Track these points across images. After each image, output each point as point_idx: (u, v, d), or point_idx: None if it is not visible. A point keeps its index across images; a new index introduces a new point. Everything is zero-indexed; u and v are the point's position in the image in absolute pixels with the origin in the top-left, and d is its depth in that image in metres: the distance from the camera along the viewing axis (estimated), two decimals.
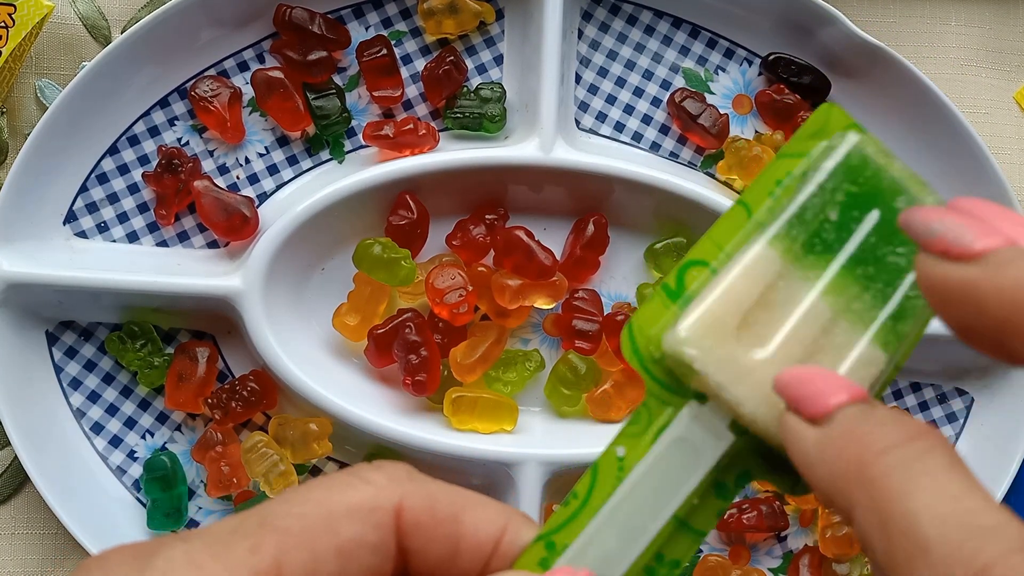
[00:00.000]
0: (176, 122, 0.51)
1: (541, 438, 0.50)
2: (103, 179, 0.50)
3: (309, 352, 0.50)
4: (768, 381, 0.24)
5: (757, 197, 0.27)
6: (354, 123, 0.51)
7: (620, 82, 0.53)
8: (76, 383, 0.50)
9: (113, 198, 0.50)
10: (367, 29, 0.51)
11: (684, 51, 0.53)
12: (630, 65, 0.53)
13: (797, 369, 0.24)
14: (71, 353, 0.50)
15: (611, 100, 0.53)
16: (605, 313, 0.51)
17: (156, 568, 0.22)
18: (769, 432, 0.25)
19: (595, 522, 0.25)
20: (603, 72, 0.53)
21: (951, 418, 0.54)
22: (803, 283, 0.26)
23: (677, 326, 0.25)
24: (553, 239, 0.51)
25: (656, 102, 0.53)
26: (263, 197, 0.51)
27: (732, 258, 0.26)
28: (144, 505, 0.50)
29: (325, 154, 0.51)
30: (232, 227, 0.49)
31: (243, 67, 0.51)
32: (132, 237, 0.51)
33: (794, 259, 0.26)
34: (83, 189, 0.50)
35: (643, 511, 0.25)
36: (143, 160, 0.50)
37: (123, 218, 0.51)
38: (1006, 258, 0.22)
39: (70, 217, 0.50)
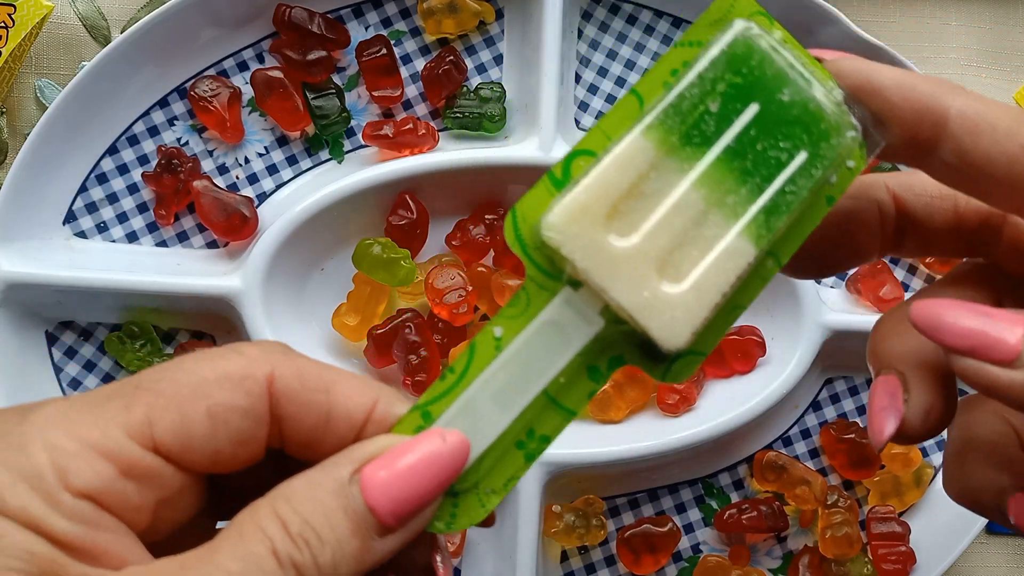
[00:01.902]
0: (175, 122, 0.51)
1: None
2: (103, 179, 0.50)
3: (308, 352, 0.49)
4: (633, 268, 0.25)
5: (651, 88, 0.26)
6: (353, 123, 0.51)
7: (620, 82, 0.53)
8: (76, 383, 0.50)
9: (113, 198, 0.50)
10: (367, 29, 0.51)
11: None
12: (630, 65, 0.53)
13: (943, 314, 0.24)
14: (71, 353, 0.50)
15: (611, 100, 0.53)
16: None
17: (33, 421, 0.24)
18: (634, 317, 0.25)
19: (468, 392, 0.26)
20: (603, 72, 0.53)
21: None
22: (677, 174, 0.25)
23: (549, 211, 0.25)
24: None
25: None
26: (262, 197, 0.51)
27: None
28: None
29: (324, 154, 0.51)
30: (231, 227, 0.49)
31: (243, 67, 0.51)
32: (132, 237, 0.51)
33: (669, 150, 0.25)
34: (83, 189, 0.50)
35: (514, 385, 0.26)
36: (143, 160, 0.50)
37: (123, 218, 0.50)
38: None
39: (70, 217, 0.50)
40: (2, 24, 0.48)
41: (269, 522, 0.23)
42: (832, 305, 0.52)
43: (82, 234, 0.50)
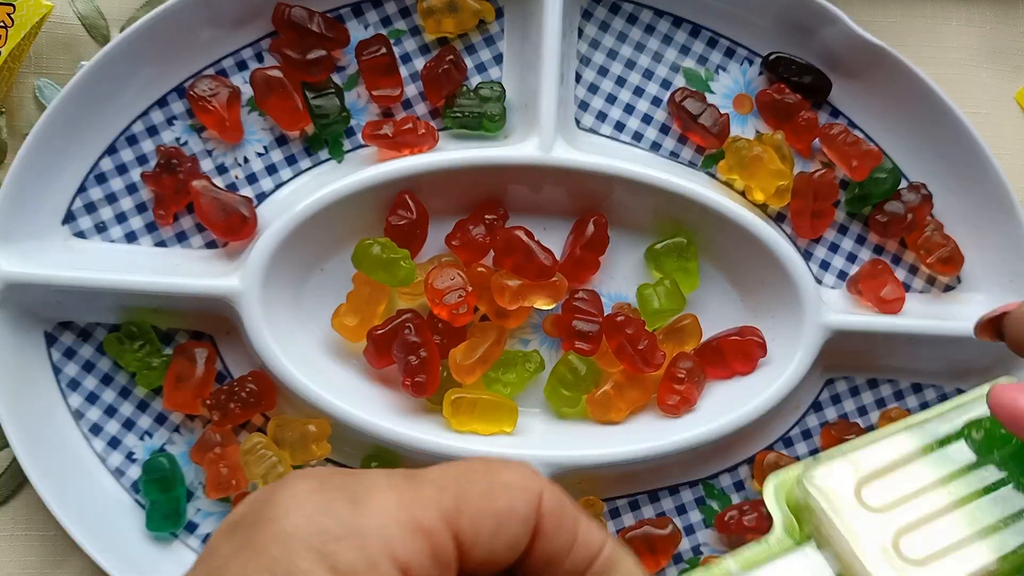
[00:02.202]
0: (175, 122, 0.50)
1: (541, 439, 0.50)
2: (102, 179, 0.50)
3: (308, 353, 0.50)
4: (877, 537, 0.27)
5: (914, 417, 0.31)
6: (353, 122, 0.51)
7: (620, 81, 0.52)
8: (75, 384, 0.50)
9: (112, 198, 0.50)
10: (366, 28, 0.51)
11: (684, 50, 0.53)
12: (630, 64, 0.53)
13: None
14: (70, 354, 0.50)
15: (611, 99, 0.52)
16: (605, 314, 0.51)
17: (369, 486, 0.25)
18: None
19: None
20: (603, 71, 0.52)
21: None
22: (932, 471, 0.29)
23: (813, 471, 0.28)
24: (553, 239, 0.51)
25: (656, 101, 0.53)
26: (262, 197, 0.51)
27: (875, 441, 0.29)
28: (143, 507, 0.50)
29: (324, 154, 0.51)
30: (231, 227, 0.49)
31: (242, 66, 0.51)
32: (131, 237, 0.50)
33: (929, 451, 0.29)
34: (82, 189, 0.50)
35: None
36: (142, 160, 0.50)
37: (122, 218, 0.50)
38: None
39: (69, 217, 0.50)
40: (1, 24, 0.48)
41: None
42: (833, 306, 0.52)
43: (81, 234, 0.50)
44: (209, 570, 0.24)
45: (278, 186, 0.51)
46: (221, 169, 0.51)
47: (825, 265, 0.53)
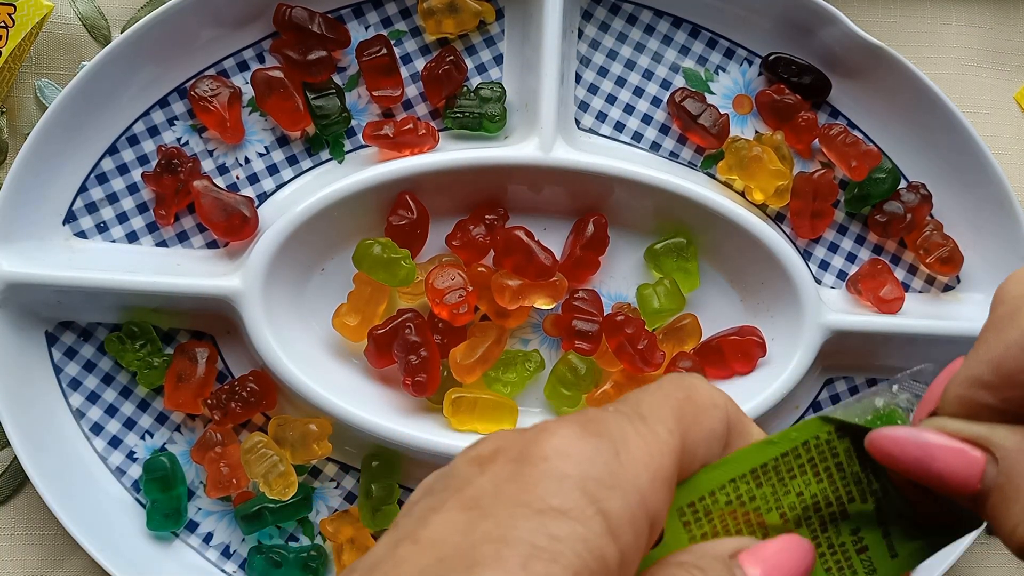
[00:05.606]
0: (176, 122, 0.51)
1: None
2: (102, 179, 0.50)
3: (309, 352, 0.50)
4: None
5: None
6: (354, 123, 0.51)
7: (620, 82, 0.53)
8: (76, 383, 0.50)
9: (113, 198, 0.50)
10: (367, 28, 0.51)
11: (684, 51, 0.53)
12: (630, 65, 0.53)
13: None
14: (71, 353, 0.50)
15: (611, 100, 0.53)
16: (605, 313, 0.51)
17: (615, 428, 0.25)
18: None
19: None
20: (603, 72, 0.53)
21: None
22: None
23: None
24: (553, 239, 0.51)
25: (656, 102, 0.53)
26: (263, 197, 0.51)
27: None
28: (143, 506, 0.50)
29: (325, 154, 0.51)
30: (231, 227, 0.49)
31: (243, 67, 0.51)
32: (132, 237, 0.51)
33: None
34: (83, 189, 0.50)
35: None
36: (143, 160, 0.50)
37: (123, 218, 0.50)
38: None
39: (70, 217, 0.50)
40: (2, 24, 0.48)
41: None
42: (832, 305, 0.52)
43: (82, 234, 0.50)
44: (471, 497, 0.24)
45: (279, 186, 0.51)
46: (222, 169, 0.51)
47: (824, 265, 0.53)
